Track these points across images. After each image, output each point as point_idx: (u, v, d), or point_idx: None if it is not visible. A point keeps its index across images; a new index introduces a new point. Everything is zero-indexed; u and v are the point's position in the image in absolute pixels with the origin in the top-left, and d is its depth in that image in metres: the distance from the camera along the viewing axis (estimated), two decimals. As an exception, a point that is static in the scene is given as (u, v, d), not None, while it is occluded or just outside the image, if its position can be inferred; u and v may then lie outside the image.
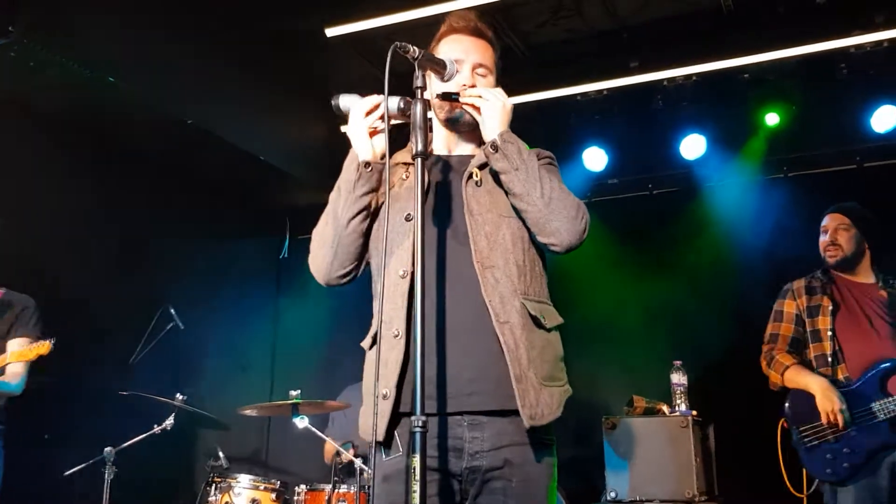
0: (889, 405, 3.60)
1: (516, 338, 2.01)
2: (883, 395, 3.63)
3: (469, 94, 2.16)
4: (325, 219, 2.21)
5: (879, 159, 5.28)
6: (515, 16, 4.97)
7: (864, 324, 3.80)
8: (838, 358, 3.79)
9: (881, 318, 3.77)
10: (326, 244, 2.18)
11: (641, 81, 5.31)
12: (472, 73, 2.24)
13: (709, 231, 5.49)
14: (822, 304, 3.89)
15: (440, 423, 1.99)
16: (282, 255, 6.80)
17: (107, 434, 4.42)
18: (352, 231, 2.15)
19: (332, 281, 2.22)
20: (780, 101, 5.26)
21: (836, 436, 3.68)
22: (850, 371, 3.75)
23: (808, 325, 3.92)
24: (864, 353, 3.73)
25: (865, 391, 3.67)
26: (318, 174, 6.03)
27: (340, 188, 2.17)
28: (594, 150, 5.65)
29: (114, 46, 4.39)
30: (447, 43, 2.28)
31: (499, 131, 2.11)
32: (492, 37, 2.33)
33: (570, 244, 2.11)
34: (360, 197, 2.13)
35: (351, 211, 2.13)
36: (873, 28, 4.78)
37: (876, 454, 3.60)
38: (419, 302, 1.83)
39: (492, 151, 2.10)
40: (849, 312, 3.84)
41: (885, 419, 3.60)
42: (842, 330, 3.82)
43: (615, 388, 5.10)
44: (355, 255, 2.19)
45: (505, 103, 2.15)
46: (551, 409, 2.02)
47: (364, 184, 2.12)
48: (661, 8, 4.95)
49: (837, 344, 3.80)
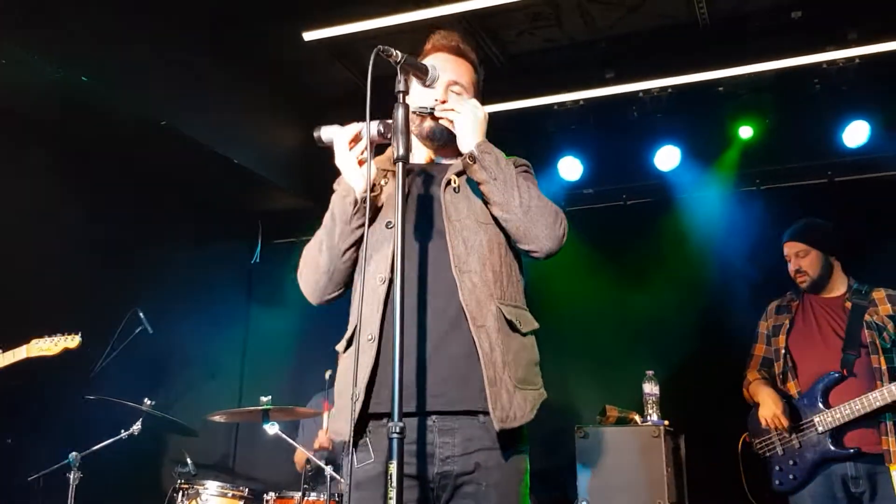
0: (827, 418, 3.67)
1: (492, 341, 2.02)
2: (824, 407, 3.70)
3: (442, 108, 2.20)
4: (318, 245, 2.22)
5: (850, 174, 5.35)
6: (494, 24, 4.98)
7: (816, 339, 3.89)
8: (791, 374, 3.89)
9: (835, 332, 3.84)
10: (320, 270, 2.21)
11: (617, 92, 5.34)
12: (446, 89, 2.27)
13: (682, 242, 5.52)
14: (783, 323, 4.01)
15: (412, 426, 1.98)
16: (254, 260, 6.74)
17: (72, 438, 4.34)
18: (347, 259, 2.18)
19: (324, 301, 2.27)
20: (753, 115, 5.32)
21: (783, 448, 3.79)
22: (801, 386, 3.86)
23: (772, 343, 4.04)
24: (813, 367, 3.82)
25: (809, 404, 3.77)
26: (292, 179, 6.00)
27: (335, 217, 2.18)
28: (570, 159, 5.68)
29: (87, 46, 4.32)
30: (429, 60, 2.29)
31: (475, 142, 2.14)
32: (474, 59, 2.39)
33: (549, 250, 2.15)
34: (356, 229, 2.15)
35: (347, 242, 2.16)
36: (846, 44, 4.85)
37: (820, 466, 3.67)
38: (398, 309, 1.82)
39: (469, 163, 2.14)
40: (805, 328, 3.94)
41: (825, 431, 3.65)
42: (795, 347, 3.93)
43: (588, 396, 5.11)
44: (348, 277, 2.23)
45: (477, 114, 2.18)
46: (524, 411, 2.03)
47: (360, 217, 2.13)
48: (638, 20, 4.98)
49: (791, 360, 3.92)
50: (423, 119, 2.25)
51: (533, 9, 4.83)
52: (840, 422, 3.63)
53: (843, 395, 3.67)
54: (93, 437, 4.36)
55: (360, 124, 2.15)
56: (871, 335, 3.73)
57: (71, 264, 5.09)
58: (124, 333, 5.05)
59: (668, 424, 4.38)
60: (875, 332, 3.73)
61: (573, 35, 5.16)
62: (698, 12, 4.81)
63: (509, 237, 2.17)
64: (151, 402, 4.53)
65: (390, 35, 4.80)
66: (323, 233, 2.21)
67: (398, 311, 1.81)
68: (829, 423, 3.66)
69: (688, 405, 4.79)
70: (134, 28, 4.59)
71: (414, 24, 4.73)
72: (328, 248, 2.18)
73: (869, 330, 3.73)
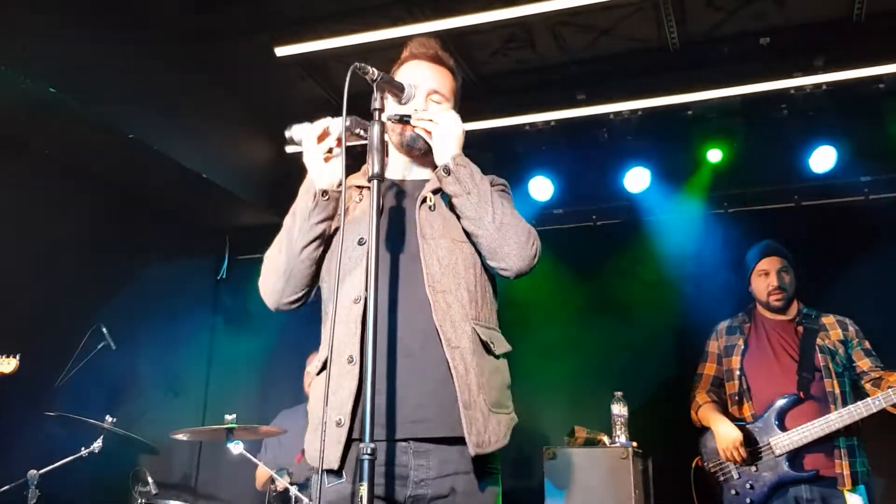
0: (784, 441, 3.69)
1: (466, 363, 1.99)
2: (780, 430, 3.72)
3: (420, 116, 2.15)
4: (279, 245, 2.17)
5: (816, 198, 5.42)
6: (468, 45, 5.00)
7: (771, 361, 3.91)
8: (745, 396, 3.91)
9: (789, 355, 3.88)
10: (279, 270, 2.15)
11: (588, 114, 5.38)
12: (427, 98, 2.24)
13: (651, 263, 5.56)
14: (737, 343, 4.03)
15: (387, 449, 1.95)
16: (220, 275, 6.65)
17: (31, 456, 4.23)
18: (305, 258, 2.12)
19: (283, 307, 2.20)
20: (722, 139, 5.37)
21: (739, 472, 3.80)
22: (755, 408, 3.87)
23: (724, 364, 4.03)
24: (769, 390, 3.84)
25: (765, 427, 3.79)
26: (260, 194, 5.96)
27: (296, 214, 2.14)
28: (540, 179, 5.69)
29: (55, 57, 4.26)
30: (407, 68, 2.30)
31: (451, 154, 2.10)
32: (453, 66, 2.36)
33: (520, 269, 2.11)
34: (315, 225, 2.10)
35: (305, 239, 2.11)
36: (812, 71, 4.93)
37: (778, 489, 3.69)
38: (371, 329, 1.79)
39: (444, 175, 2.10)
40: (759, 351, 3.96)
41: (782, 454, 3.67)
42: (749, 368, 3.94)
43: (556, 418, 5.10)
44: (307, 281, 2.17)
45: (456, 126, 2.14)
46: (498, 436, 2.00)
47: (320, 212, 2.10)
48: (610, 44, 5.03)
49: (746, 382, 3.93)
50: (403, 127, 2.20)
51: (506, 30, 4.87)
52: (797, 445, 3.66)
53: (799, 418, 3.70)
54: (52, 455, 4.25)
55: (329, 119, 2.12)
56: (825, 359, 3.77)
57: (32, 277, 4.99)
58: (86, 349, 4.95)
59: (636, 446, 4.38)
60: (828, 356, 3.79)
61: (545, 57, 5.20)
62: (669, 37, 4.87)
63: (482, 255, 2.14)
64: (113, 420, 4.43)
65: (363, 52, 4.80)
66: (283, 233, 2.17)
67: (371, 332, 1.78)
68: (787, 445, 3.68)
69: (656, 426, 4.80)
70: (103, 41, 4.54)
71: (387, 42, 4.73)
72: (287, 247, 2.13)
73: (822, 354, 3.78)
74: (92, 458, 4.34)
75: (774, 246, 4.13)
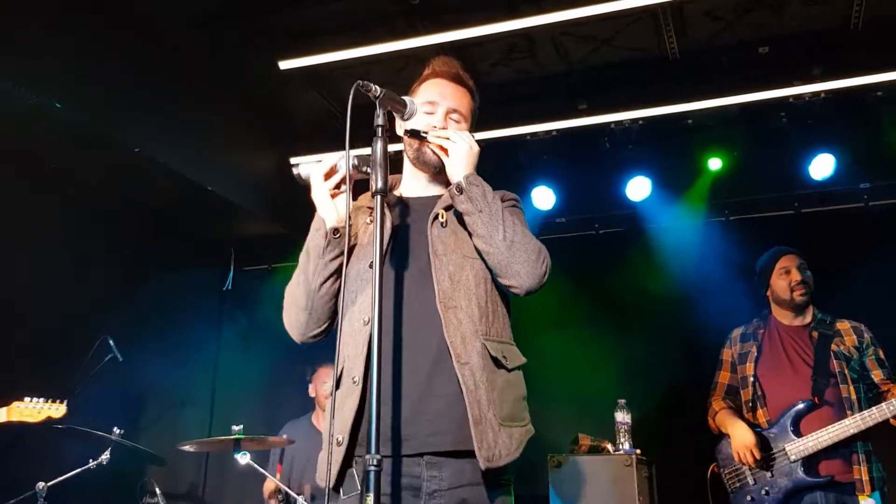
0: (800, 446, 3.68)
1: (476, 379, 2.01)
2: (796, 436, 3.72)
3: (437, 134, 2.20)
4: (297, 280, 2.21)
5: (816, 206, 5.47)
6: (470, 56, 5.03)
7: (785, 367, 3.90)
8: (760, 402, 3.90)
9: (803, 360, 3.87)
10: (300, 307, 2.19)
11: (590, 123, 5.41)
12: (446, 117, 2.29)
13: (653, 271, 5.57)
14: (750, 350, 4.01)
15: (397, 462, 1.98)
16: (226, 286, 6.68)
17: (39, 468, 4.26)
18: (324, 293, 2.17)
19: (307, 340, 2.26)
20: (722, 147, 5.41)
21: (754, 478, 3.78)
22: (770, 414, 3.85)
23: (739, 371, 4.04)
24: (783, 396, 3.83)
25: (780, 433, 3.78)
26: (264, 205, 5.99)
27: (309, 252, 2.18)
28: (543, 188, 5.73)
29: (60, 72, 4.30)
30: (429, 85, 2.32)
31: (464, 173, 2.15)
32: (472, 87, 2.39)
33: (529, 287, 2.16)
34: (330, 262, 2.15)
35: (322, 276, 2.15)
36: (811, 79, 4.96)
37: (793, 495, 3.68)
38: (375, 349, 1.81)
39: (456, 193, 2.14)
40: (773, 356, 3.95)
41: (797, 460, 3.68)
42: (764, 374, 3.93)
43: (560, 426, 5.10)
44: (329, 314, 2.21)
45: (471, 146, 2.19)
46: (509, 450, 2.01)
47: (333, 249, 2.14)
48: (611, 53, 5.07)
49: (760, 389, 3.92)
50: (419, 143, 2.25)
51: (508, 41, 4.91)
52: (812, 450, 3.65)
53: (814, 424, 3.70)
54: (60, 467, 4.28)
55: (336, 156, 2.15)
56: (840, 365, 3.76)
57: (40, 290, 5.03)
58: (94, 361, 4.98)
59: (640, 453, 4.39)
60: (843, 362, 3.77)
61: (546, 67, 5.24)
62: (668, 46, 4.91)
63: (492, 272, 2.17)
64: (120, 431, 4.45)
65: (366, 65, 4.85)
66: (299, 270, 2.21)
67: (376, 350, 1.80)
68: (802, 451, 3.67)
69: (660, 434, 4.81)
70: (108, 55, 4.57)
71: (390, 55, 4.77)
72: (304, 283, 2.17)
73: (837, 360, 3.77)
74: (100, 469, 4.37)
75: (788, 248, 4.15)
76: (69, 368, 5.01)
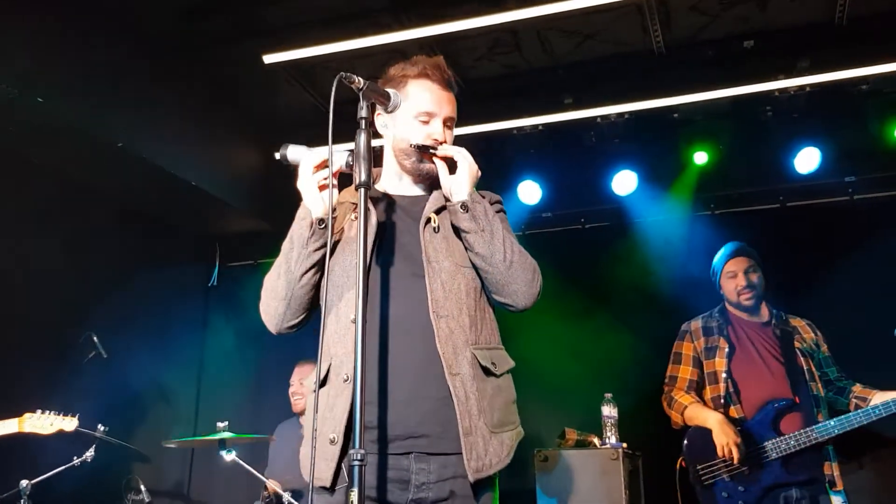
0: (781, 444, 3.71)
1: (467, 389, 2.03)
2: (776, 433, 3.74)
3: (445, 150, 2.20)
4: (277, 270, 2.19)
5: (801, 199, 5.48)
6: (454, 50, 5.01)
7: (758, 364, 3.91)
8: (732, 399, 3.89)
9: (774, 357, 3.90)
10: (279, 296, 2.18)
11: (575, 118, 5.41)
12: (445, 127, 2.27)
13: (639, 265, 5.58)
14: (719, 345, 4.01)
15: (384, 457, 1.99)
16: (211, 282, 6.65)
17: (23, 466, 4.22)
18: (304, 284, 2.15)
19: (283, 330, 2.24)
20: (708, 141, 5.42)
21: (730, 474, 3.77)
22: (744, 411, 3.86)
23: (705, 366, 4.02)
24: (759, 393, 3.84)
25: (759, 430, 3.79)
26: (250, 201, 5.96)
27: (293, 241, 2.16)
28: (529, 183, 5.72)
29: (44, 66, 4.26)
30: (420, 88, 2.28)
31: (467, 192, 2.16)
32: (457, 90, 2.37)
33: (525, 306, 2.20)
34: (313, 252, 2.13)
35: (304, 266, 2.14)
36: (796, 73, 4.98)
37: (769, 492, 3.70)
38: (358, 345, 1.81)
39: (461, 211, 2.14)
40: (744, 353, 3.96)
41: (777, 458, 3.70)
42: (737, 371, 3.93)
43: (547, 420, 5.11)
44: (307, 305, 2.20)
45: (474, 166, 2.20)
46: (500, 457, 2.05)
47: (317, 240, 2.12)
48: (596, 48, 5.07)
49: (733, 385, 3.91)
50: (424, 157, 2.24)
51: (493, 35, 4.89)
52: (794, 449, 3.68)
53: (792, 421, 3.74)
54: (44, 465, 4.25)
55: (328, 150, 2.11)
56: (807, 362, 3.82)
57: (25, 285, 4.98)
58: (77, 357, 4.95)
59: (626, 447, 4.40)
60: (809, 358, 3.83)
61: (532, 61, 5.23)
62: (654, 40, 4.91)
63: (488, 288, 2.18)
64: (105, 428, 4.43)
65: (351, 59, 4.83)
66: (281, 258, 2.19)
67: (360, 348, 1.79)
68: (783, 449, 3.70)
69: (646, 428, 4.81)
70: (91, 49, 4.54)
71: (375, 49, 4.75)
72: (285, 272, 2.16)
73: (804, 357, 3.83)
74: (84, 467, 4.34)
75: (739, 247, 4.17)
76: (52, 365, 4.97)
